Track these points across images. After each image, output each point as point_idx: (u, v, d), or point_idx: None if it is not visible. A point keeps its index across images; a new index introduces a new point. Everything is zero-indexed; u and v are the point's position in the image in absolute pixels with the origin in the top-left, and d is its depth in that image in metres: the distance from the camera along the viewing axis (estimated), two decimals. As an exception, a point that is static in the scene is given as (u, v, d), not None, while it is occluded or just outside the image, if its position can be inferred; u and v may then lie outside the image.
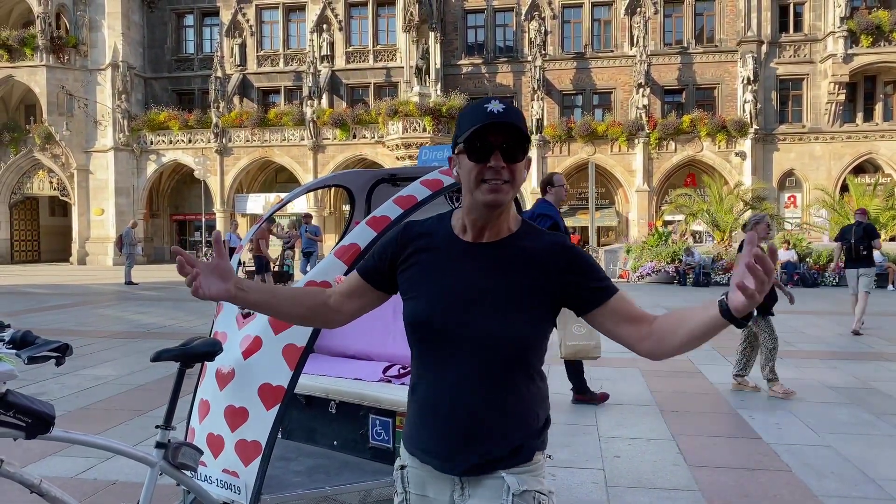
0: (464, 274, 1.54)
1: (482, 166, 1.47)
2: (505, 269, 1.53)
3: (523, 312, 1.50)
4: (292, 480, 2.81)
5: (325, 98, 32.96)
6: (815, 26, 30.90)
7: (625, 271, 21.73)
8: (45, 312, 13.23)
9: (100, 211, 33.67)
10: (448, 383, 1.51)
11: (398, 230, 1.67)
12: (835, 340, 9.51)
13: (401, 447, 1.64)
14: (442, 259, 1.58)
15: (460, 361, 1.50)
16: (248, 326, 2.74)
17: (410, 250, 1.61)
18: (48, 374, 6.90)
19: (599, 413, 5.62)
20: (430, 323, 1.53)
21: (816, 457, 4.52)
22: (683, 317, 1.47)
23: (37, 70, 32.06)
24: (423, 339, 1.56)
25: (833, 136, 30.58)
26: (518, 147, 1.49)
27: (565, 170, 31.60)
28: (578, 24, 32.90)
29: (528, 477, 1.51)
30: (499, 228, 1.56)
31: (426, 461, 1.56)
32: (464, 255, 1.56)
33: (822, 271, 19.22)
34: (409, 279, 1.60)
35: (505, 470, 1.50)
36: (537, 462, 1.55)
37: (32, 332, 1.96)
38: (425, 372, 1.57)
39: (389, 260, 1.64)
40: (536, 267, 1.53)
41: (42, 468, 4.22)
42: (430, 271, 1.58)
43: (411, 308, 1.57)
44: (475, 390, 1.49)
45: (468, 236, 1.57)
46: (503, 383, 1.50)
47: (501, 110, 1.47)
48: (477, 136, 1.47)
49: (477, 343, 1.49)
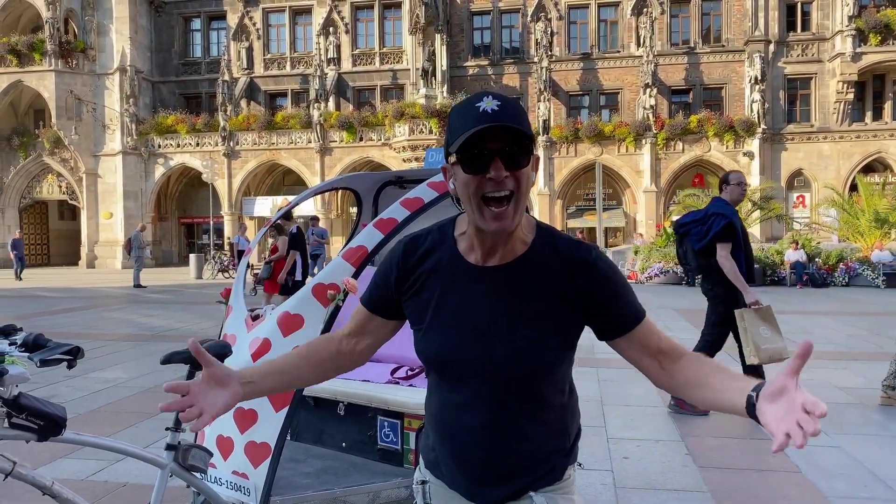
0: (474, 302, 1.38)
1: (481, 178, 1.27)
2: (519, 295, 1.37)
3: (541, 339, 1.36)
4: (301, 482, 2.82)
5: (331, 101, 33.07)
6: (823, 25, 30.79)
7: (633, 272, 21.70)
8: (55, 315, 13.31)
9: (108, 214, 33.84)
10: (466, 414, 1.40)
11: (398, 251, 1.48)
12: (844, 341, 9.46)
13: (420, 463, 1.56)
14: (449, 286, 1.41)
15: (477, 392, 1.39)
16: (257, 329, 2.75)
17: (415, 275, 1.45)
18: (59, 377, 6.94)
19: (608, 414, 5.62)
20: (443, 358, 1.41)
21: (826, 458, 4.50)
22: (709, 383, 1.33)
23: (45, 75, 32.29)
24: (442, 375, 1.45)
25: (842, 136, 30.46)
26: (521, 151, 1.27)
27: (572, 171, 31.61)
28: (585, 25, 32.89)
29: (557, 495, 1.43)
30: (511, 245, 1.38)
31: (454, 487, 1.46)
32: (473, 280, 1.39)
33: (832, 271, 19.11)
34: (417, 309, 1.45)
35: (535, 490, 1.42)
36: (568, 478, 1.46)
37: (44, 335, 1.98)
38: (442, 394, 1.46)
39: (395, 286, 1.47)
40: (554, 288, 1.37)
41: (54, 470, 4.25)
42: (437, 300, 1.42)
43: (420, 342, 1.45)
44: (495, 422, 1.38)
45: (476, 257, 1.40)
46: (527, 414, 1.39)
47: (496, 108, 1.26)
48: (471, 144, 1.26)
49: (493, 374, 1.37)
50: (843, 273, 19.04)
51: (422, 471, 1.54)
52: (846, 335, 9.97)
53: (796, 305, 14.14)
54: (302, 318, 2.63)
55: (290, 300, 2.75)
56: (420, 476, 1.54)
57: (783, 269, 19.56)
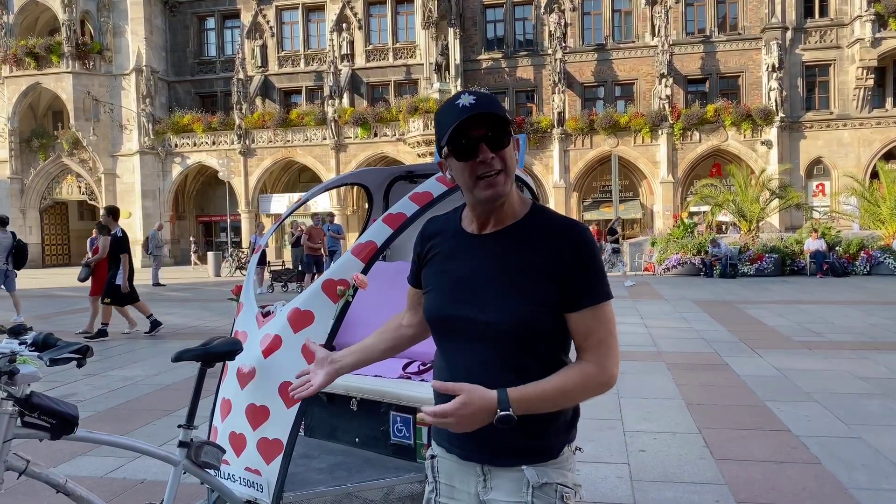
0: (468, 264, 1.55)
1: (472, 162, 1.46)
2: (508, 257, 1.51)
3: (529, 298, 1.46)
4: (314, 478, 2.82)
5: (345, 97, 33.12)
6: (842, 10, 30.33)
7: (650, 264, 21.54)
8: (76, 315, 13.45)
9: (127, 214, 34.11)
10: (463, 372, 1.49)
11: (422, 230, 1.71)
12: (865, 330, 9.33)
13: (432, 438, 1.68)
14: (450, 253, 1.60)
15: (473, 350, 1.50)
16: (267, 325, 2.75)
17: (428, 247, 1.66)
18: (78, 375, 7.02)
19: (624, 407, 5.58)
20: (439, 315, 1.57)
21: (847, 449, 4.44)
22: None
23: (63, 77, 32.64)
24: (437, 331, 1.60)
25: (862, 123, 30.03)
26: (501, 133, 1.46)
27: (588, 163, 31.46)
28: (599, 16, 32.65)
29: (550, 470, 1.49)
30: (503, 216, 1.54)
31: (451, 450, 1.58)
32: (469, 246, 1.57)
33: (852, 260, 18.86)
34: (426, 276, 1.65)
35: (528, 465, 1.49)
36: (563, 455, 1.53)
37: (53, 334, 1.99)
38: (443, 361, 1.59)
39: (418, 262, 1.70)
40: (541, 251, 1.49)
41: (72, 468, 4.30)
42: (440, 266, 1.61)
43: (425, 304, 1.64)
44: (488, 378, 1.44)
45: (473, 228, 1.58)
46: (517, 371, 1.46)
47: (472, 102, 1.44)
48: (458, 135, 1.45)
49: (486, 332, 1.48)
50: (864, 262, 18.78)
51: (433, 447, 1.66)
52: (868, 324, 9.84)
53: (817, 295, 13.97)
54: (312, 314, 2.63)
55: (300, 296, 2.75)
56: (430, 451, 1.67)
57: (803, 258, 19.34)
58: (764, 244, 20.34)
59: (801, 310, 11.51)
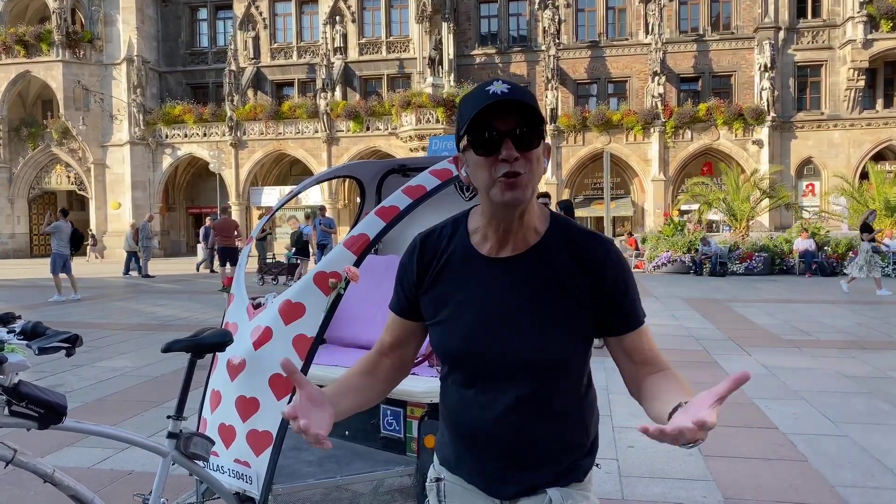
0: (487, 295, 1.36)
1: (493, 159, 1.25)
2: (533, 284, 1.34)
3: (558, 329, 1.33)
4: (304, 470, 2.82)
5: (338, 90, 33.01)
6: (834, 11, 30.48)
7: (640, 262, 21.62)
8: (64, 305, 13.38)
9: (117, 205, 33.97)
10: (486, 408, 1.37)
11: (414, 249, 1.47)
12: (852, 330, 9.40)
13: (434, 460, 1.53)
14: (462, 279, 1.39)
15: (497, 386, 1.36)
16: (258, 317, 2.74)
17: (431, 269, 1.44)
18: (66, 366, 6.98)
19: (614, 403, 5.60)
20: (457, 351, 1.39)
21: (833, 447, 4.48)
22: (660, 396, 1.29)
23: (53, 65, 32.37)
24: (458, 369, 1.42)
25: (852, 123, 30.21)
26: (532, 131, 1.26)
27: (580, 160, 31.50)
28: (593, 13, 32.68)
29: (574, 491, 1.40)
30: (524, 233, 1.36)
31: (472, 482, 1.44)
32: (486, 272, 1.37)
33: (841, 260, 18.98)
34: (432, 303, 1.43)
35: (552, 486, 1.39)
36: (587, 477, 1.44)
37: (42, 323, 1.98)
38: (458, 388, 1.43)
39: (416, 281, 1.46)
40: (566, 280, 1.34)
41: (60, 459, 4.27)
42: (451, 294, 1.40)
43: (437, 336, 1.43)
44: (516, 415, 1.35)
45: (488, 248, 1.38)
46: (546, 406, 1.36)
47: (506, 90, 1.24)
48: (481, 124, 1.24)
49: (512, 367, 1.34)
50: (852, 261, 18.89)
51: (436, 468, 1.51)
52: (855, 323, 9.91)
53: (805, 294, 14.07)
54: (303, 306, 2.62)
55: (291, 288, 2.74)
56: (434, 473, 1.52)
57: (792, 257, 19.45)
58: (753, 243, 20.45)
59: (789, 308, 11.59)
